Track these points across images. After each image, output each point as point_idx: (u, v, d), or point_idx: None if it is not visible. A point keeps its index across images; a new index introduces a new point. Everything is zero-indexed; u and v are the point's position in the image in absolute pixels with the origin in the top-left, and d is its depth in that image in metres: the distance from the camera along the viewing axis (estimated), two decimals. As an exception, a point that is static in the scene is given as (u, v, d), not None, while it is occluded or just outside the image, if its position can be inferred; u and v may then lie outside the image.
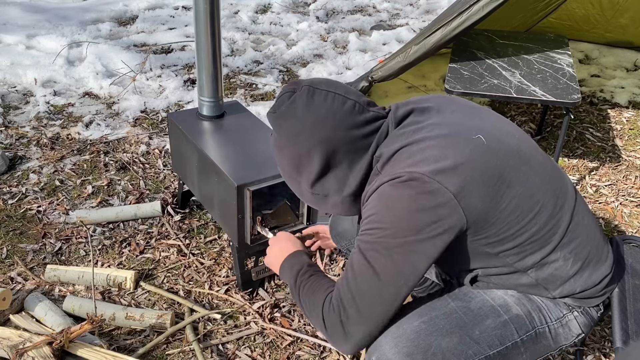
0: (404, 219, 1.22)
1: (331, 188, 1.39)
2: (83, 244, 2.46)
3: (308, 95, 1.35)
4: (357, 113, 1.35)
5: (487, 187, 1.25)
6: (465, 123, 1.35)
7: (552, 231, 1.33)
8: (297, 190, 1.47)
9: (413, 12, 5.73)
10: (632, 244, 1.64)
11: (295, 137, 1.36)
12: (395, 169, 1.27)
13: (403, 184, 1.23)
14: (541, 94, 2.61)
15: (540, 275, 1.37)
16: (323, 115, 1.33)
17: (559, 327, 1.42)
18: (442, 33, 2.74)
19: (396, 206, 1.23)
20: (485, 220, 1.26)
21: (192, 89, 3.91)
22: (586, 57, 4.55)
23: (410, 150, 1.29)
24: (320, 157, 1.35)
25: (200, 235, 2.53)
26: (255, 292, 2.23)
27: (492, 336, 1.36)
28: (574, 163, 3.21)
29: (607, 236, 1.53)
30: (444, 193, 1.21)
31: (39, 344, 1.78)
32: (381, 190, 1.27)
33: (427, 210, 1.21)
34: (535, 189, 1.31)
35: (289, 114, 1.37)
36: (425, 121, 1.35)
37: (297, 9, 5.73)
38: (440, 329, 1.35)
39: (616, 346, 1.38)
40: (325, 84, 1.38)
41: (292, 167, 1.41)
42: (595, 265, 1.40)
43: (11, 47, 4.37)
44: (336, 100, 1.35)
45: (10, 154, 3.05)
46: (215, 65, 2.27)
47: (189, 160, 2.30)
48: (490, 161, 1.27)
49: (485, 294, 1.43)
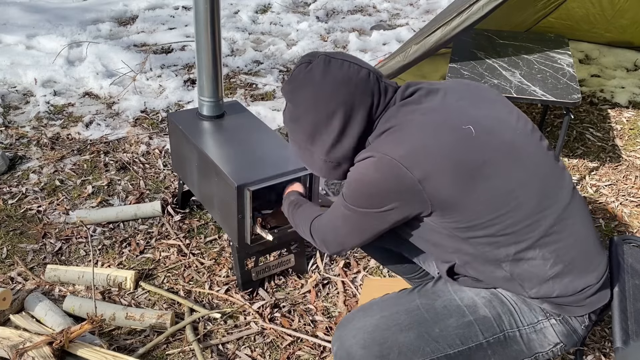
0: (368, 195, 1.34)
1: (345, 155, 1.44)
2: (83, 244, 2.46)
3: (325, 63, 1.41)
4: (372, 82, 1.41)
5: (456, 176, 1.29)
6: (464, 112, 1.38)
7: (530, 228, 1.33)
8: (308, 162, 1.52)
9: (413, 12, 5.73)
10: (632, 244, 1.64)
11: (314, 103, 1.41)
12: (378, 147, 1.36)
13: (375, 164, 1.32)
14: (541, 94, 2.61)
15: (515, 270, 1.36)
16: (340, 80, 1.39)
17: (531, 332, 1.40)
18: (442, 32, 2.74)
19: (365, 183, 1.34)
20: (453, 206, 1.31)
21: (192, 89, 3.91)
22: (586, 57, 4.55)
23: (396, 132, 1.36)
24: (339, 120, 1.40)
25: (200, 235, 2.53)
26: (255, 292, 2.23)
27: (453, 335, 1.38)
28: (574, 163, 3.21)
29: (607, 236, 1.52)
30: (409, 178, 1.28)
31: (39, 344, 1.78)
32: (360, 164, 1.37)
33: (392, 191, 1.31)
34: (516, 185, 1.32)
35: (306, 82, 1.42)
36: (425, 103, 1.40)
37: (297, 9, 5.73)
38: (399, 324, 1.40)
39: (616, 346, 1.38)
40: (340, 55, 1.44)
41: (306, 137, 1.45)
42: (580, 273, 1.37)
43: (11, 47, 4.38)
44: (352, 68, 1.40)
45: (10, 154, 3.05)
46: (215, 65, 2.27)
47: (189, 160, 2.30)
48: (471, 152, 1.31)
49: (454, 293, 1.44)
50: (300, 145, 1.49)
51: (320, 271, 2.35)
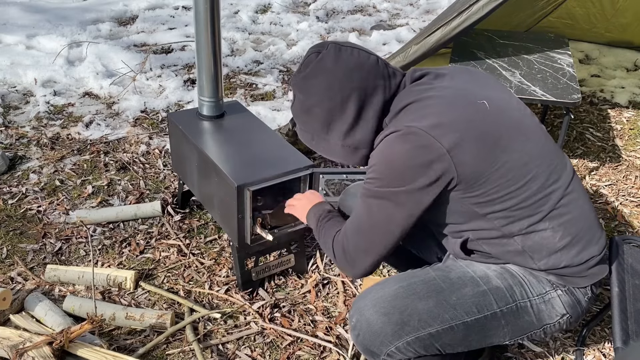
0: (398, 171, 1.33)
1: (362, 139, 1.46)
2: (83, 244, 2.46)
3: (335, 51, 1.44)
4: (381, 67, 1.45)
5: (481, 147, 1.32)
6: (474, 90, 1.43)
7: (543, 201, 1.37)
8: (324, 149, 1.53)
9: (413, 12, 5.73)
10: (632, 244, 1.64)
11: (328, 90, 1.43)
12: (398, 122, 1.37)
13: (401, 137, 1.33)
14: (541, 94, 2.61)
15: (527, 242, 1.40)
16: (352, 67, 1.42)
17: (541, 303, 1.44)
18: (442, 33, 2.74)
19: (393, 159, 1.34)
20: (476, 179, 1.33)
21: (192, 89, 3.91)
22: (586, 57, 4.55)
23: (415, 107, 1.38)
24: (354, 104, 1.42)
25: (200, 235, 2.53)
26: (255, 292, 2.23)
27: (470, 303, 1.41)
28: (574, 163, 3.21)
29: (607, 236, 1.53)
30: (438, 148, 1.29)
31: (39, 344, 1.78)
32: (383, 142, 1.37)
33: (422, 164, 1.31)
34: (529, 159, 1.37)
35: (318, 70, 1.44)
36: (437, 84, 1.43)
37: (297, 9, 5.73)
38: (417, 292, 1.43)
39: (616, 346, 1.38)
40: (348, 43, 1.48)
41: (321, 126, 1.47)
42: (585, 245, 1.43)
43: (11, 47, 4.37)
44: (362, 54, 1.44)
45: (10, 154, 3.05)
46: (215, 65, 2.27)
47: (189, 160, 2.30)
48: (490, 124, 1.35)
49: (466, 267, 1.48)
50: (315, 134, 1.51)
51: (320, 271, 2.35)
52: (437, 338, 1.41)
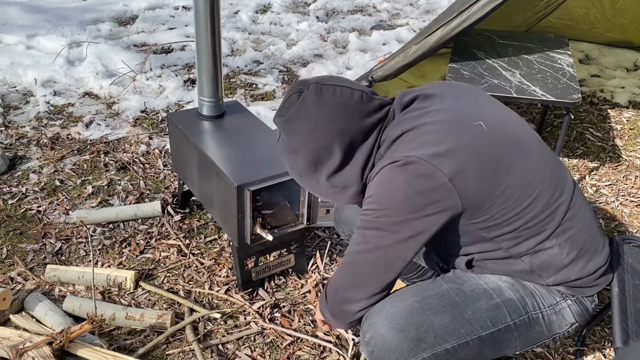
0: (400, 201, 1.28)
1: (351, 178, 1.42)
2: (83, 244, 2.46)
3: (317, 92, 1.39)
4: (365, 102, 1.40)
5: (483, 172, 1.28)
6: (468, 110, 1.38)
7: (549, 219, 1.35)
8: (313, 188, 1.49)
9: (413, 12, 5.73)
10: (632, 244, 1.64)
11: (312, 134, 1.39)
12: (395, 153, 1.32)
13: (400, 168, 1.28)
14: (541, 94, 2.61)
15: (535, 261, 1.39)
16: (336, 108, 1.37)
17: (552, 314, 1.43)
18: (442, 33, 2.74)
19: (393, 189, 1.29)
20: (481, 204, 1.29)
21: (192, 89, 3.91)
22: (586, 57, 4.55)
23: (411, 136, 1.34)
24: (340, 148, 1.38)
25: (200, 235, 2.53)
26: (255, 292, 2.23)
27: (485, 317, 1.39)
28: (574, 163, 3.21)
29: (607, 236, 1.53)
30: (440, 177, 1.25)
31: (39, 344, 1.78)
32: (380, 173, 1.32)
33: (422, 193, 1.26)
34: (532, 177, 1.34)
35: (301, 113, 1.39)
36: (429, 107, 1.39)
37: (297, 9, 5.73)
38: (432, 307, 1.39)
39: (616, 346, 1.38)
40: (330, 79, 1.42)
41: (308, 165, 1.43)
42: (591, 256, 1.42)
43: (11, 47, 4.37)
44: (345, 93, 1.39)
45: (10, 154, 3.05)
46: (215, 65, 2.26)
47: (189, 160, 2.30)
48: (489, 147, 1.31)
49: (479, 278, 1.45)
50: (302, 173, 1.46)
51: (320, 271, 2.35)
52: (452, 353, 1.38)
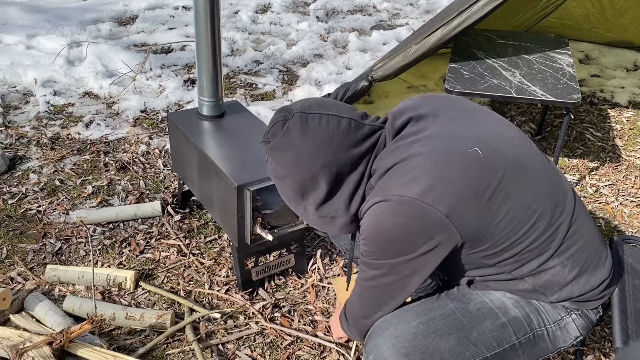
0: (393, 243, 1.26)
1: (339, 209, 1.38)
2: (83, 244, 2.46)
3: (302, 122, 1.32)
4: (353, 131, 1.33)
5: (480, 203, 1.25)
6: (462, 134, 1.33)
7: (550, 239, 1.33)
8: (302, 214, 1.45)
9: (413, 12, 5.73)
10: (632, 244, 1.64)
11: (296, 165, 1.33)
12: (387, 189, 1.27)
13: (392, 209, 1.24)
14: (541, 94, 2.61)
15: (538, 282, 1.37)
16: (320, 141, 1.31)
17: (557, 329, 1.42)
18: (442, 32, 2.74)
19: (386, 231, 1.26)
20: (481, 235, 1.27)
21: (192, 89, 3.91)
22: (586, 57, 4.55)
23: (403, 169, 1.28)
24: (325, 181, 1.34)
25: (200, 235, 2.53)
26: (255, 292, 2.23)
27: (490, 338, 1.37)
28: (574, 163, 3.21)
29: (607, 236, 1.53)
30: (435, 214, 1.22)
31: (39, 344, 1.78)
32: (372, 212, 1.28)
33: (418, 232, 1.24)
34: (531, 199, 1.30)
35: (285, 144, 1.33)
36: (421, 132, 1.33)
37: (297, 8, 5.73)
38: (438, 329, 1.37)
39: (616, 346, 1.38)
40: (316, 106, 1.34)
41: (296, 193, 1.39)
42: (594, 270, 1.40)
43: (11, 47, 4.37)
44: (331, 122, 1.32)
45: (10, 154, 3.05)
46: (215, 65, 2.26)
47: (189, 160, 2.30)
48: (485, 175, 1.27)
49: (483, 295, 1.43)
50: (290, 200, 1.43)
51: (320, 271, 2.35)
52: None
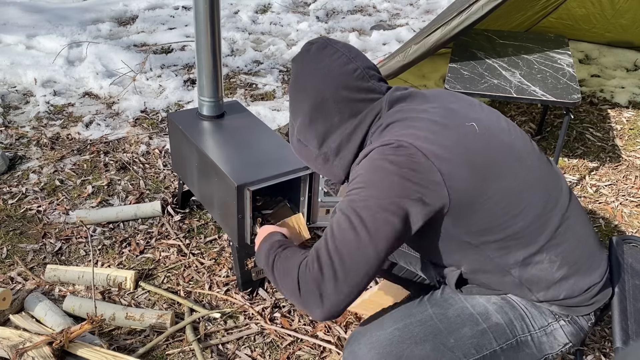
0: (389, 179, 1.23)
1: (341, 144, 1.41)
2: (83, 244, 2.46)
3: (320, 48, 1.41)
4: (355, 78, 1.37)
5: (473, 172, 1.25)
6: (461, 112, 1.36)
7: (538, 231, 1.32)
8: (306, 155, 1.51)
9: (413, 12, 5.73)
10: (632, 244, 1.64)
11: (294, 82, 1.44)
12: (386, 137, 1.29)
13: (393, 149, 1.25)
14: (541, 94, 2.61)
15: (524, 275, 1.35)
16: (321, 67, 1.38)
17: (542, 335, 1.40)
18: (442, 32, 2.74)
19: (383, 167, 1.24)
20: (469, 206, 1.26)
21: (192, 89, 3.91)
22: (586, 57, 4.55)
23: (404, 124, 1.31)
24: (308, 104, 1.40)
25: (200, 235, 2.53)
26: (255, 292, 2.23)
27: (468, 345, 1.35)
28: (574, 163, 3.21)
29: (607, 236, 1.53)
30: (431, 167, 1.22)
31: (39, 344, 1.78)
32: (371, 154, 1.29)
33: (414, 176, 1.22)
34: (524, 187, 1.30)
35: (298, 60, 1.44)
36: (420, 105, 1.36)
37: (297, 9, 5.73)
38: (413, 336, 1.35)
39: (616, 346, 1.38)
40: (342, 45, 1.42)
41: (290, 110, 1.49)
42: (585, 273, 1.37)
43: (11, 47, 4.37)
44: (340, 59, 1.38)
45: (10, 154, 3.05)
46: (215, 65, 2.27)
47: (189, 160, 2.30)
48: (481, 149, 1.28)
49: (466, 300, 1.42)
50: (297, 119, 1.47)
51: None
52: None
